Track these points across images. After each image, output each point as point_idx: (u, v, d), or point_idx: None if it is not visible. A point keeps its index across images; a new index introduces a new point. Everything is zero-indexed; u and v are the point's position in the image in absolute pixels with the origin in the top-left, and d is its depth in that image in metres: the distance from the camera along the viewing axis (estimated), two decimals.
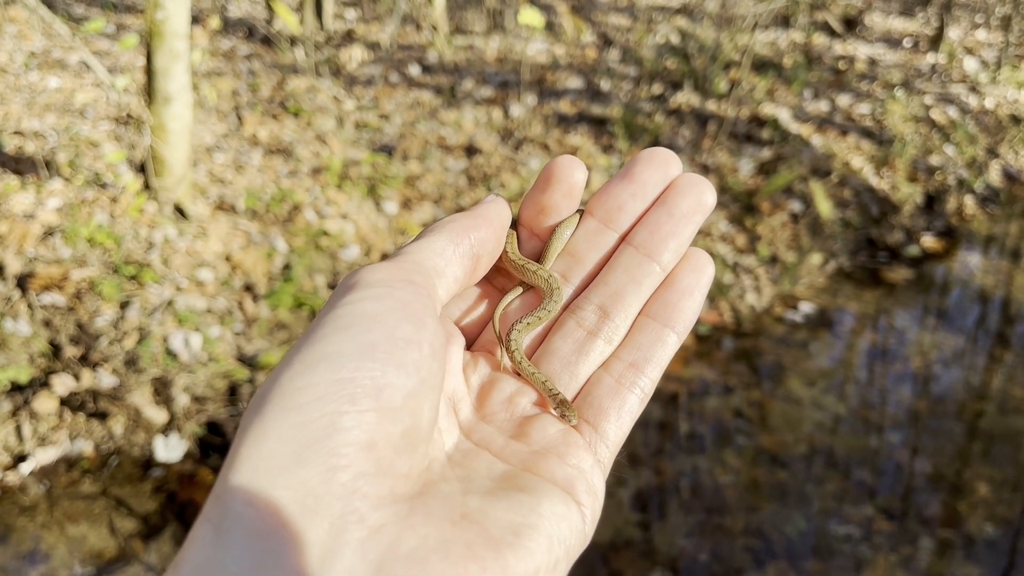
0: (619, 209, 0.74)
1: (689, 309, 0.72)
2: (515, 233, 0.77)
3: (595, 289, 0.73)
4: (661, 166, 0.73)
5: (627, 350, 0.71)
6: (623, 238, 0.74)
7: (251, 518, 0.46)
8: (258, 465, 0.47)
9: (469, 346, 0.75)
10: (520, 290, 0.77)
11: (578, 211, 0.76)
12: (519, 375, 0.70)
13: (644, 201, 0.73)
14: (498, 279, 0.79)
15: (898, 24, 9.93)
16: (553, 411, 0.68)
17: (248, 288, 4.28)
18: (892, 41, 9.28)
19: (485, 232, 0.68)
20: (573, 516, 0.59)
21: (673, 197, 0.72)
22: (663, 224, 0.72)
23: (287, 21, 5.26)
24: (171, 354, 3.84)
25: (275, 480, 0.47)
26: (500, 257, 0.75)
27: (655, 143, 6.22)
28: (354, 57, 7.41)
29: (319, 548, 0.46)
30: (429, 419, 0.55)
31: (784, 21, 9.12)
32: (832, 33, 9.19)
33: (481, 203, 0.72)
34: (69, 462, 3.51)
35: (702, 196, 0.72)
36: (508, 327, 0.73)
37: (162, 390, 3.73)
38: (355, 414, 0.49)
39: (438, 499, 0.53)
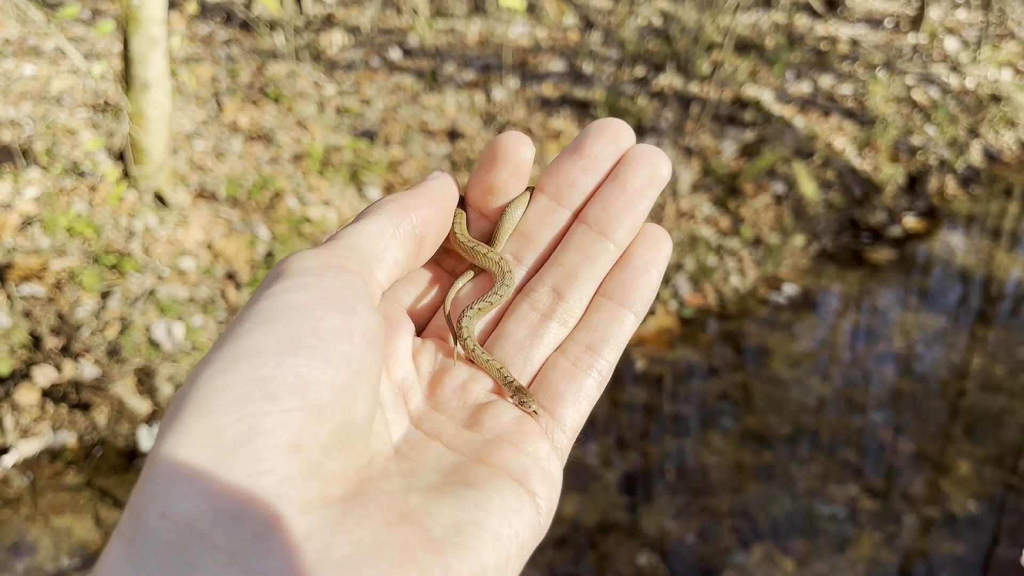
0: (570, 185, 0.71)
1: (646, 287, 0.70)
2: (464, 213, 0.74)
3: (548, 270, 0.71)
4: (612, 138, 0.70)
5: (583, 332, 0.69)
6: (576, 215, 0.72)
7: (166, 531, 0.43)
8: (175, 474, 0.45)
9: (420, 332, 0.72)
10: (471, 274, 0.74)
11: (528, 189, 0.73)
12: (473, 363, 0.68)
13: (596, 176, 0.71)
14: (448, 261, 0.76)
15: (879, 4, 9.94)
16: (510, 399, 0.65)
17: (230, 276, 4.25)
18: (874, 21, 9.29)
19: (428, 211, 0.66)
20: (526, 509, 0.56)
21: (625, 171, 0.70)
22: (616, 200, 0.70)
23: (267, 4, 5.20)
24: (154, 344, 3.81)
25: (192, 489, 0.44)
26: (449, 239, 0.73)
27: (638, 126, 6.21)
28: (334, 41, 7.35)
29: (241, 559, 0.43)
30: (365, 414, 0.52)
31: (766, 2, 9.10)
32: (814, 14, 9.19)
33: (425, 180, 0.69)
34: (52, 454, 3.49)
35: (656, 168, 0.70)
36: (459, 313, 0.70)
37: (145, 380, 3.70)
38: (278, 414, 0.47)
39: (375, 499, 0.51)
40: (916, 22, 8.85)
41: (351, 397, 0.50)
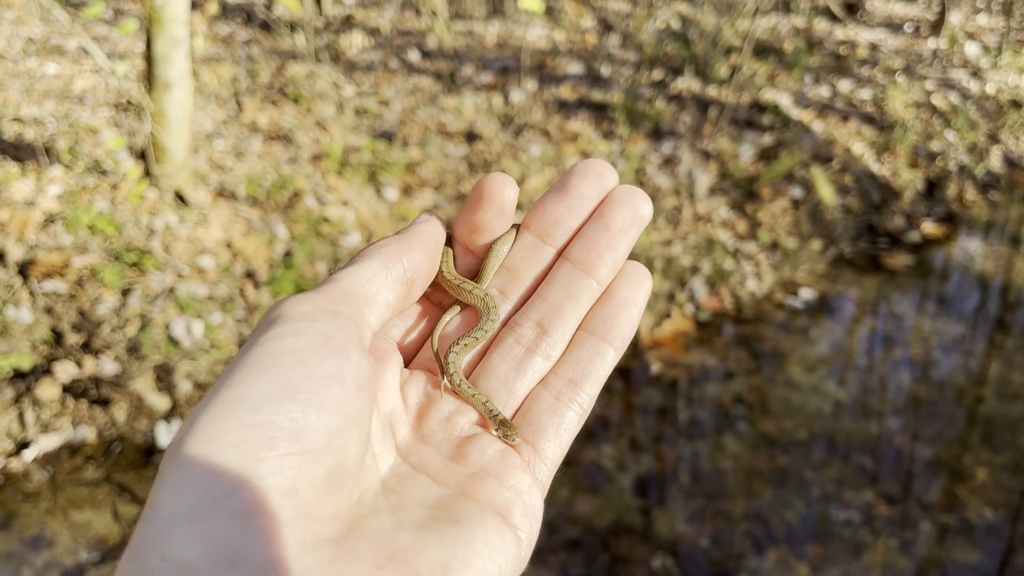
0: (555, 224, 0.73)
1: (627, 323, 0.72)
2: (451, 251, 0.77)
3: (533, 305, 0.73)
4: (597, 179, 0.72)
5: (565, 366, 0.71)
6: (560, 253, 0.74)
7: (166, 574, 0.45)
8: (174, 518, 0.46)
9: (408, 363, 0.74)
10: (458, 309, 0.76)
11: (514, 226, 0.75)
12: (460, 397, 0.70)
13: (580, 215, 0.73)
14: (436, 295, 0.78)
15: (899, 9, 9.89)
16: (495, 432, 0.67)
17: (249, 275, 4.29)
18: (893, 26, 9.24)
19: (419, 255, 0.68)
20: (508, 544, 0.58)
21: (609, 211, 0.72)
22: (599, 239, 0.72)
23: (288, 4, 5.24)
24: (173, 341, 3.85)
25: (191, 532, 0.46)
26: (436, 276, 0.74)
27: (656, 129, 6.20)
28: (354, 43, 7.38)
29: None
30: (356, 455, 0.54)
31: (785, 6, 9.08)
32: (833, 18, 9.15)
33: (414, 224, 0.71)
34: (72, 448, 3.53)
35: (638, 209, 0.72)
36: (446, 349, 0.72)
37: (164, 377, 3.74)
38: (274, 459, 0.48)
39: (366, 539, 0.52)
40: (936, 27, 8.79)
41: (344, 440, 0.52)
